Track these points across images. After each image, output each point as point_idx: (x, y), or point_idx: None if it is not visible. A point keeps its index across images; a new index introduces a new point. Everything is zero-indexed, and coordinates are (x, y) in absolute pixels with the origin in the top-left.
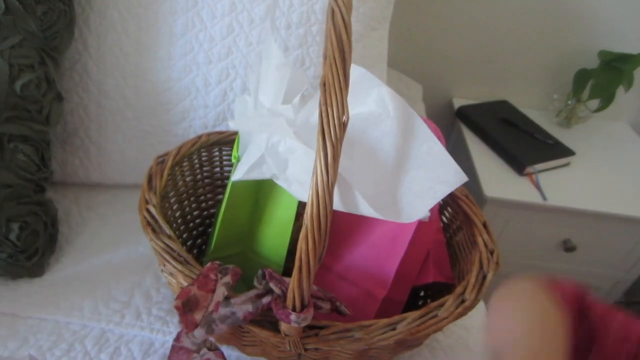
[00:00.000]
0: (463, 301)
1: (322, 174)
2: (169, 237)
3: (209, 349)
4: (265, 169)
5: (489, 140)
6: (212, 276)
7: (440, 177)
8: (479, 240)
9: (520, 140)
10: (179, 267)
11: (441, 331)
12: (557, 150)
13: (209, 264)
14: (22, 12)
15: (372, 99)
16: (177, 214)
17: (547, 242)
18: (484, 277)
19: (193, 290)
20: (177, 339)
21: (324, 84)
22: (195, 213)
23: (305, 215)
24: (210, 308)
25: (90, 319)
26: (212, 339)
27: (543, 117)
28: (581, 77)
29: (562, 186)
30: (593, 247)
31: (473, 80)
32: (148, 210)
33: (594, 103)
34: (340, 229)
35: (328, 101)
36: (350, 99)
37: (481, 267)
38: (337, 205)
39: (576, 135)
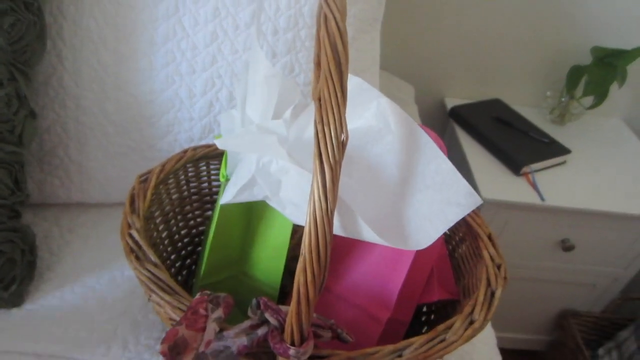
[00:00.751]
0: (472, 322)
1: (320, 201)
2: (155, 265)
3: None
4: (257, 190)
5: (484, 141)
6: (202, 311)
7: (451, 198)
8: (485, 254)
9: (515, 139)
10: (167, 297)
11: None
12: (553, 149)
13: (198, 296)
14: None
15: (371, 113)
16: (164, 234)
17: (545, 242)
18: (492, 295)
19: (181, 331)
20: None
21: (319, 100)
22: (183, 232)
23: (302, 246)
24: (201, 349)
25: (73, 352)
26: None
27: (536, 115)
28: (574, 74)
29: (559, 185)
30: (591, 245)
31: (465, 79)
32: (131, 235)
33: (588, 100)
34: (339, 247)
35: (325, 119)
36: (348, 112)
37: (489, 283)
38: (337, 230)
39: (570, 133)
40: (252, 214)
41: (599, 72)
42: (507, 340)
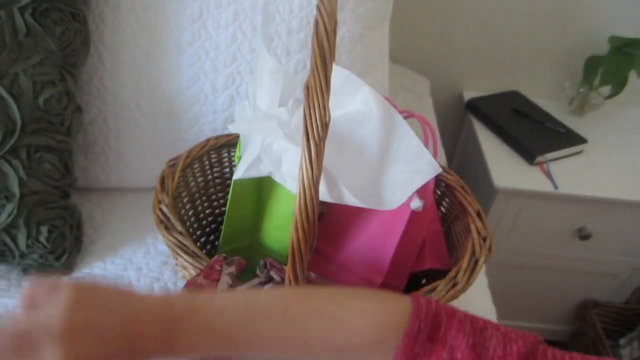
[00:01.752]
0: (455, 284)
1: (307, 170)
2: (181, 233)
3: None
4: (262, 167)
5: (499, 131)
6: (217, 267)
7: (417, 168)
8: (472, 227)
9: (530, 130)
10: (190, 260)
11: None
12: (569, 139)
13: (215, 257)
14: (42, 33)
15: (357, 100)
16: (190, 212)
17: (561, 230)
18: (476, 262)
19: (199, 280)
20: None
21: (307, 89)
22: (207, 211)
23: (294, 208)
24: None
25: None
26: None
27: (556, 107)
28: (592, 64)
29: (575, 174)
30: (609, 234)
31: (482, 72)
32: (161, 210)
33: (607, 90)
34: (340, 222)
35: (311, 104)
36: (338, 100)
37: (473, 252)
38: (325, 196)
39: (590, 123)
40: (262, 189)
41: (616, 61)
42: (529, 330)
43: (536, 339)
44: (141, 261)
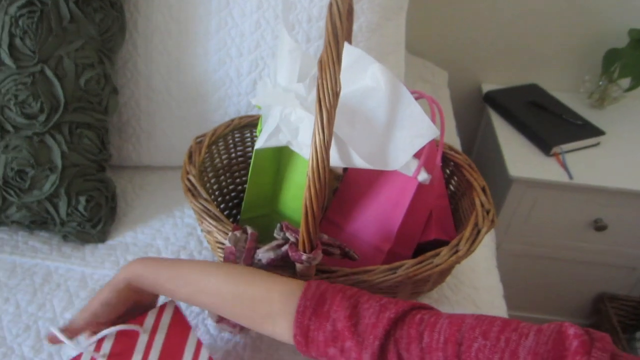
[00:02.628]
0: (457, 251)
1: (319, 134)
2: (206, 200)
3: None
4: (281, 137)
5: (517, 123)
6: (232, 257)
7: (418, 132)
8: (477, 201)
9: (547, 121)
10: (214, 223)
11: (451, 290)
12: (586, 131)
13: (227, 246)
14: (84, 20)
15: (367, 75)
16: (215, 187)
17: (577, 221)
18: (478, 232)
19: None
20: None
21: (321, 62)
22: (230, 187)
23: (308, 170)
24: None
25: None
26: None
27: (576, 100)
28: (611, 57)
29: (591, 165)
30: (625, 225)
31: (502, 65)
32: (188, 179)
33: (627, 83)
34: (352, 196)
35: (324, 75)
36: (350, 77)
37: (476, 223)
38: (336, 161)
39: (610, 116)
40: (281, 160)
41: (635, 53)
42: (546, 322)
43: (410, 305)
44: (169, 232)
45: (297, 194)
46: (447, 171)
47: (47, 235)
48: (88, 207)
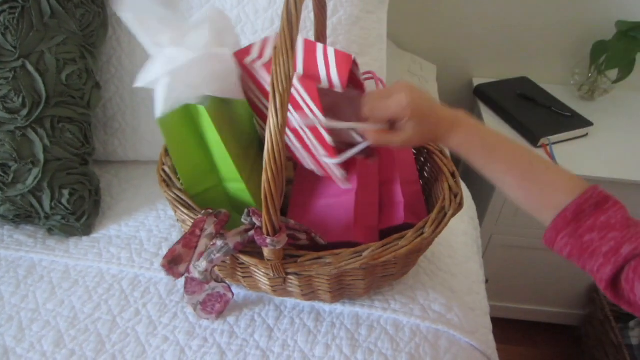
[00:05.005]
0: (422, 233)
1: (273, 118)
2: (179, 189)
3: (217, 281)
4: (173, 92)
5: (505, 115)
6: (197, 232)
7: None
8: (445, 185)
9: (536, 113)
10: (187, 212)
11: (427, 275)
12: (574, 122)
13: (198, 217)
14: (65, 15)
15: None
16: None
17: None
18: (445, 215)
19: (178, 250)
20: (187, 270)
21: (275, 48)
22: None
23: (264, 153)
24: (194, 260)
25: (126, 266)
26: (218, 272)
27: (567, 92)
28: (599, 49)
29: (579, 156)
30: None
31: (492, 58)
32: (164, 170)
33: (616, 75)
34: (303, 187)
35: (277, 61)
36: None
37: (443, 207)
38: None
39: (599, 108)
40: (197, 128)
41: (621, 45)
42: (541, 313)
43: None
44: (152, 224)
45: (221, 154)
46: (422, 158)
47: (32, 228)
48: (71, 200)
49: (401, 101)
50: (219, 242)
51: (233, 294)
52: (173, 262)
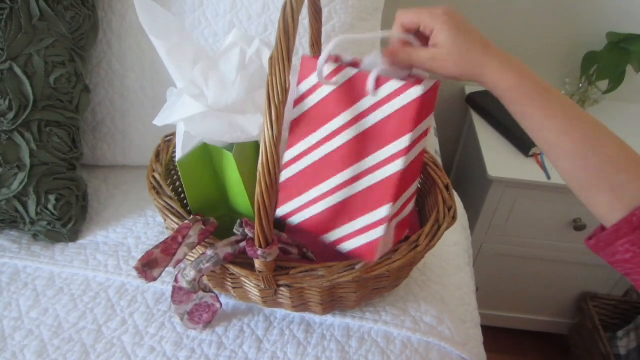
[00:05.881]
0: (416, 246)
1: (268, 130)
2: (170, 197)
3: (205, 291)
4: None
5: (497, 125)
6: (180, 239)
7: None
8: (439, 198)
9: None
10: (177, 221)
11: (418, 286)
12: None
13: (184, 222)
14: (54, 18)
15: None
16: (181, 189)
17: (556, 221)
18: (439, 228)
19: (156, 254)
20: (175, 280)
21: (271, 59)
22: None
23: (258, 164)
24: (170, 266)
25: (112, 274)
26: (206, 281)
27: None
28: (589, 60)
29: None
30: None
31: None
32: (154, 177)
33: (606, 86)
34: None
35: (273, 72)
36: None
37: (437, 219)
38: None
39: None
40: (214, 164)
41: (612, 56)
42: (531, 322)
43: None
44: (140, 231)
45: (238, 191)
46: None
47: (17, 234)
48: (58, 205)
49: (435, 8)
50: (209, 252)
51: (221, 304)
52: (147, 266)
